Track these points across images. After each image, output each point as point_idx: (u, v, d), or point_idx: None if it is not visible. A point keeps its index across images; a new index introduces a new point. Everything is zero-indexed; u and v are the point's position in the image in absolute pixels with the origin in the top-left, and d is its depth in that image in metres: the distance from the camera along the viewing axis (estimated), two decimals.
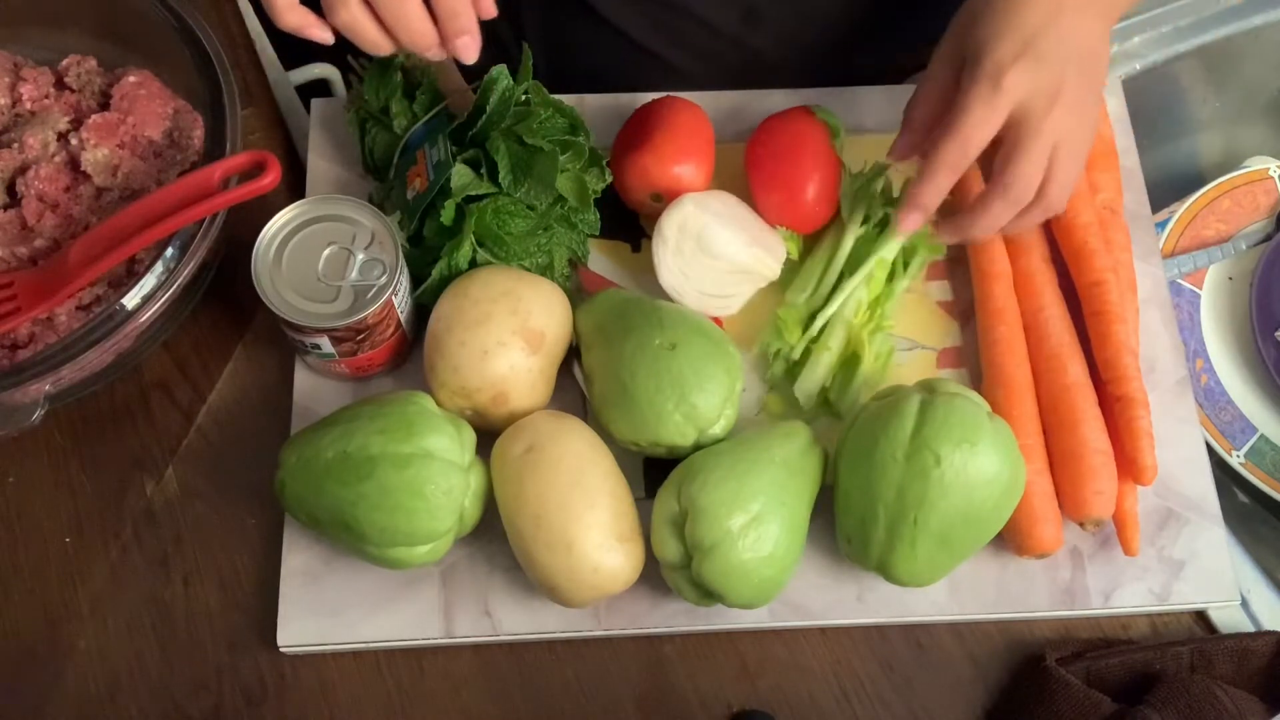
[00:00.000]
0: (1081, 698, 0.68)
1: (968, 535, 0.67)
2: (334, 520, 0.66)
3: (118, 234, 0.68)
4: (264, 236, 0.70)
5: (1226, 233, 0.90)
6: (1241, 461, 0.84)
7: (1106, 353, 0.74)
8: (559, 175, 0.73)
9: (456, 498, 0.66)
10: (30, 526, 0.75)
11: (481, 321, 0.69)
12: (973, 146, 0.65)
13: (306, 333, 0.69)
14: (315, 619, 0.71)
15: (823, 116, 0.78)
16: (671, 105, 0.79)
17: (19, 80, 0.78)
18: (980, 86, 0.64)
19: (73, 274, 0.69)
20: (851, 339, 0.75)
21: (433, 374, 0.71)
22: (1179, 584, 0.72)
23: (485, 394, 0.69)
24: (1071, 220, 0.77)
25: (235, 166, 0.69)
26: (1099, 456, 0.71)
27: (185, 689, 0.71)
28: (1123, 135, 0.85)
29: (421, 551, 0.67)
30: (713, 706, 0.71)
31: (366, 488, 0.65)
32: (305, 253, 0.70)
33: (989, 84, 0.64)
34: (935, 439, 0.64)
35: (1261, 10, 0.94)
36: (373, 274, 0.69)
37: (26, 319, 0.70)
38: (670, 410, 0.68)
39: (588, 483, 0.66)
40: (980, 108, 0.64)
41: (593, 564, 0.65)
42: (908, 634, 0.73)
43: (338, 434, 0.66)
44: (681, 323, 0.71)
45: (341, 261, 0.69)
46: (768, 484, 0.66)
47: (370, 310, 0.68)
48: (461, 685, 0.71)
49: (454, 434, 0.67)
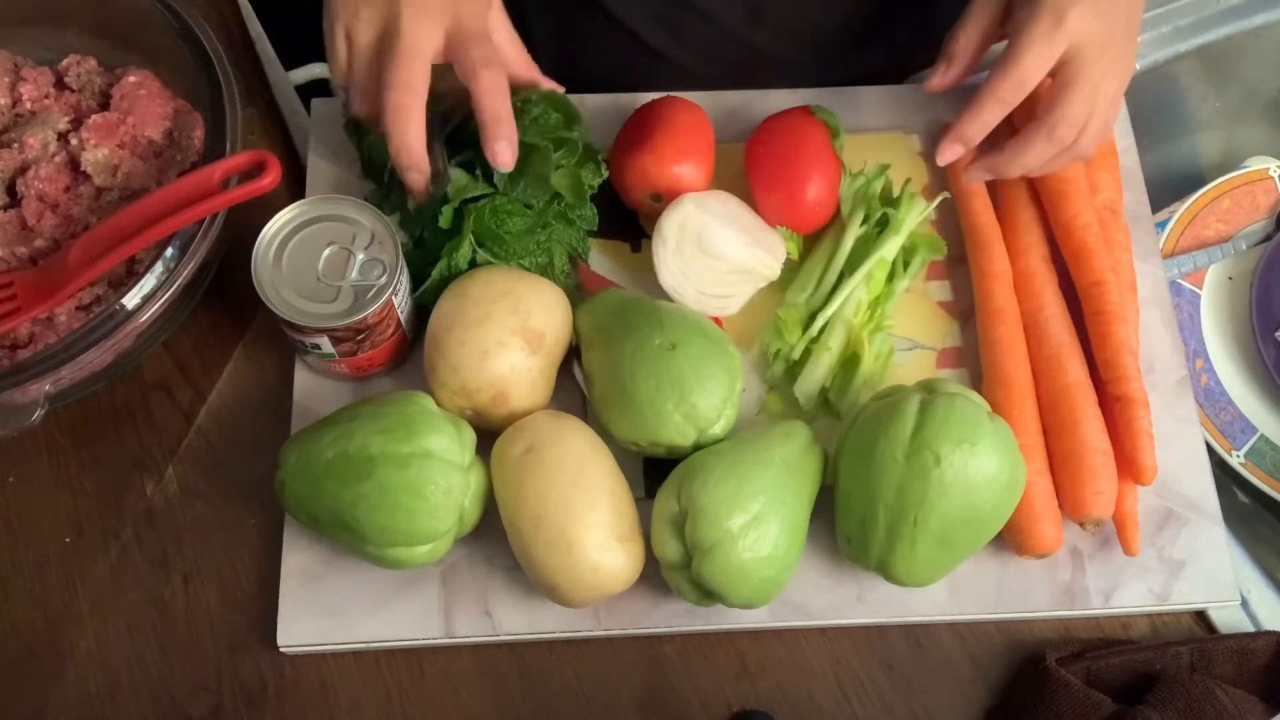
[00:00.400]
0: (1081, 698, 0.68)
1: (968, 535, 0.67)
2: (334, 520, 0.66)
3: (118, 234, 0.68)
4: (264, 236, 0.69)
5: (1226, 233, 0.90)
6: (1241, 461, 0.84)
7: (1106, 353, 0.74)
8: (554, 172, 0.73)
9: (456, 498, 0.66)
10: (30, 526, 0.75)
11: (482, 321, 0.69)
12: (1029, 81, 0.65)
13: (306, 333, 0.69)
14: (315, 619, 0.71)
15: (823, 116, 0.78)
16: (671, 105, 0.79)
17: (19, 80, 0.78)
18: (1042, 23, 0.64)
19: (73, 274, 0.69)
20: (851, 339, 0.75)
21: (433, 374, 0.71)
22: (1179, 584, 0.72)
23: (485, 394, 0.69)
24: (1071, 220, 0.77)
25: (235, 166, 0.69)
26: (1099, 456, 0.71)
27: (185, 689, 0.71)
28: (1123, 135, 0.85)
29: (421, 551, 0.67)
30: (713, 706, 0.71)
31: (366, 488, 0.65)
32: (305, 253, 0.70)
33: (1051, 20, 0.63)
34: (935, 439, 0.64)
35: (1261, 10, 0.94)
36: (373, 274, 0.69)
37: (26, 319, 0.70)
38: (670, 410, 0.68)
39: (588, 483, 0.66)
40: (1040, 44, 0.64)
41: (592, 564, 0.65)
42: (908, 634, 0.73)
43: (338, 434, 0.66)
44: (681, 323, 0.71)
45: (341, 261, 0.69)
46: (768, 484, 0.66)
47: (370, 310, 0.68)
48: (461, 685, 0.71)
49: (454, 434, 0.67)
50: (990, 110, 0.66)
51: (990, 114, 0.67)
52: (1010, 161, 0.68)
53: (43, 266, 0.72)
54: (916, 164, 0.84)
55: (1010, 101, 0.66)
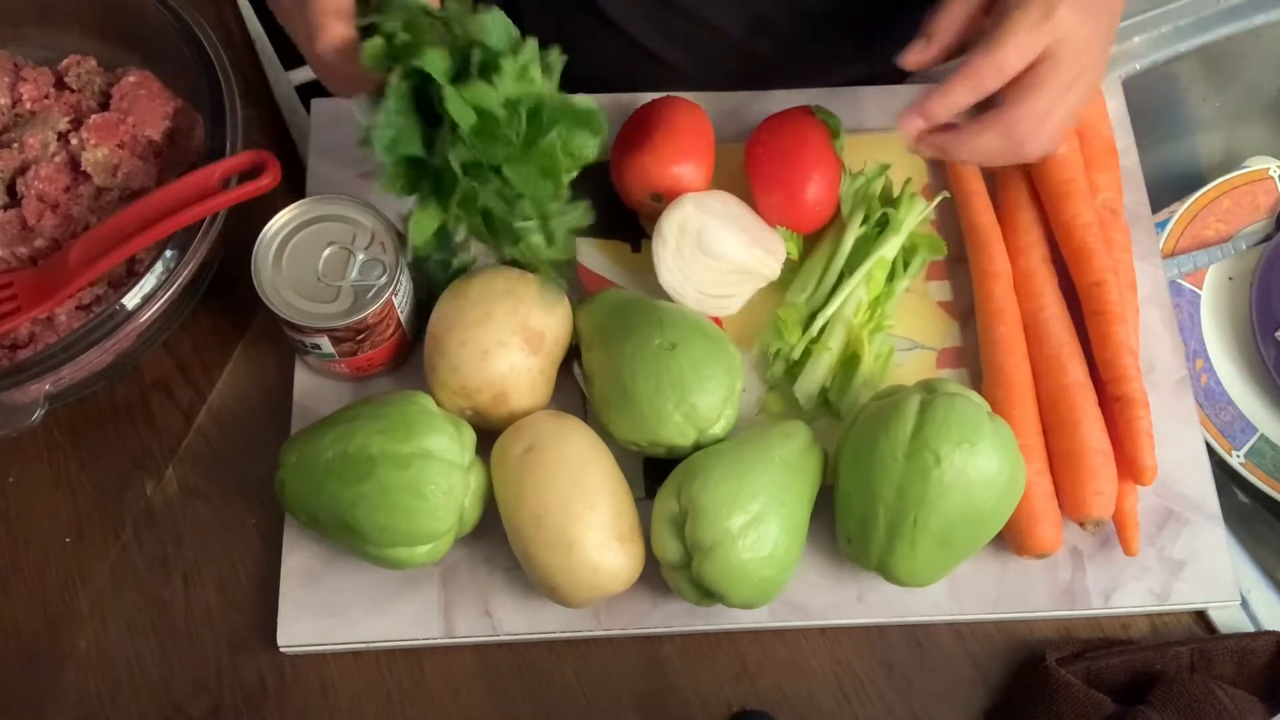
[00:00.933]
0: (1081, 698, 0.68)
1: (968, 535, 0.67)
2: (334, 520, 0.66)
3: (118, 234, 0.69)
4: (264, 236, 0.70)
5: (1226, 233, 0.90)
6: (1241, 461, 0.84)
7: (1106, 353, 0.74)
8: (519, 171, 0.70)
9: (456, 498, 0.66)
10: (30, 526, 0.75)
11: (482, 321, 0.69)
12: (1008, 69, 0.63)
13: (306, 333, 0.69)
14: (315, 619, 0.71)
15: (823, 116, 0.78)
16: (671, 105, 0.79)
17: (19, 80, 0.78)
18: (1031, 12, 0.62)
19: (73, 274, 0.69)
20: (851, 339, 0.75)
21: (433, 374, 0.71)
22: (1179, 584, 0.72)
23: (485, 394, 0.69)
24: (1071, 220, 0.77)
25: (235, 166, 0.69)
26: (1099, 456, 0.71)
27: (185, 689, 0.71)
28: (1123, 135, 0.85)
29: (422, 551, 0.67)
30: (713, 706, 0.71)
31: (366, 488, 0.65)
32: (305, 253, 0.70)
33: (1041, 11, 0.62)
34: (935, 439, 0.64)
35: (1261, 10, 0.94)
36: (373, 274, 0.69)
37: (26, 319, 0.70)
38: (670, 410, 0.68)
39: (588, 483, 0.66)
40: (1026, 32, 0.62)
41: (592, 564, 0.65)
42: (908, 634, 0.73)
43: (338, 434, 0.66)
44: (681, 322, 0.71)
45: (342, 261, 0.69)
46: (768, 484, 0.66)
47: (370, 310, 0.68)
48: (461, 685, 0.71)
49: (454, 434, 0.67)
50: (961, 92, 0.64)
51: (960, 96, 0.65)
52: (960, 145, 0.66)
53: (43, 266, 0.72)
54: (916, 164, 0.84)
55: (985, 88, 0.64)
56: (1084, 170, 0.79)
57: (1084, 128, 0.81)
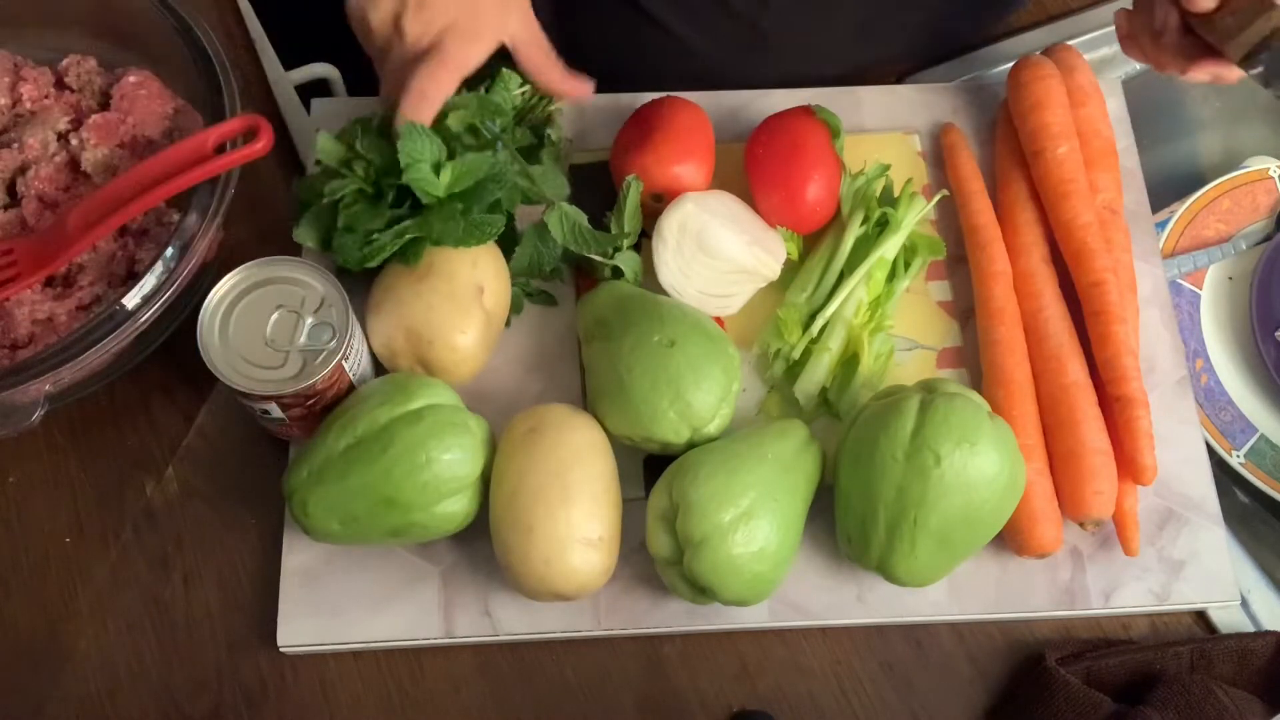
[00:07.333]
0: (1081, 698, 0.68)
1: (968, 535, 0.67)
2: (373, 502, 0.66)
3: (115, 199, 0.69)
4: (210, 301, 0.67)
5: (1226, 233, 0.90)
6: (1241, 461, 0.84)
7: (1106, 353, 0.74)
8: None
9: (476, 435, 0.67)
10: (30, 526, 0.75)
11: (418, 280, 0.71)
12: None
13: (255, 399, 0.67)
14: (315, 619, 0.71)
15: (823, 116, 0.78)
16: (671, 105, 0.79)
17: (19, 80, 0.78)
18: None
19: (71, 239, 0.70)
20: (851, 339, 0.75)
21: (374, 337, 0.72)
22: (1179, 584, 0.72)
23: (413, 339, 0.70)
24: (1071, 220, 0.77)
25: (229, 132, 0.70)
26: (1099, 456, 0.71)
27: (185, 689, 0.71)
28: (1123, 135, 0.85)
29: (461, 505, 0.67)
30: (713, 707, 0.71)
31: (394, 452, 0.65)
32: (253, 317, 0.67)
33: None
34: (935, 439, 0.64)
35: None
36: (322, 338, 0.67)
37: (27, 285, 0.71)
38: (665, 407, 0.68)
39: (571, 477, 0.66)
40: None
41: (545, 556, 0.65)
42: (908, 634, 0.73)
43: (340, 429, 0.66)
44: (682, 320, 0.71)
45: (290, 325, 0.67)
46: (758, 479, 0.66)
47: (319, 376, 0.66)
48: (461, 685, 0.71)
49: (443, 388, 0.69)
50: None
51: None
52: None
53: (42, 233, 0.73)
54: (916, 164, 0.84)
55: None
56: (1084, 170, 0.79)
57: (1084, 128, 0.81)
